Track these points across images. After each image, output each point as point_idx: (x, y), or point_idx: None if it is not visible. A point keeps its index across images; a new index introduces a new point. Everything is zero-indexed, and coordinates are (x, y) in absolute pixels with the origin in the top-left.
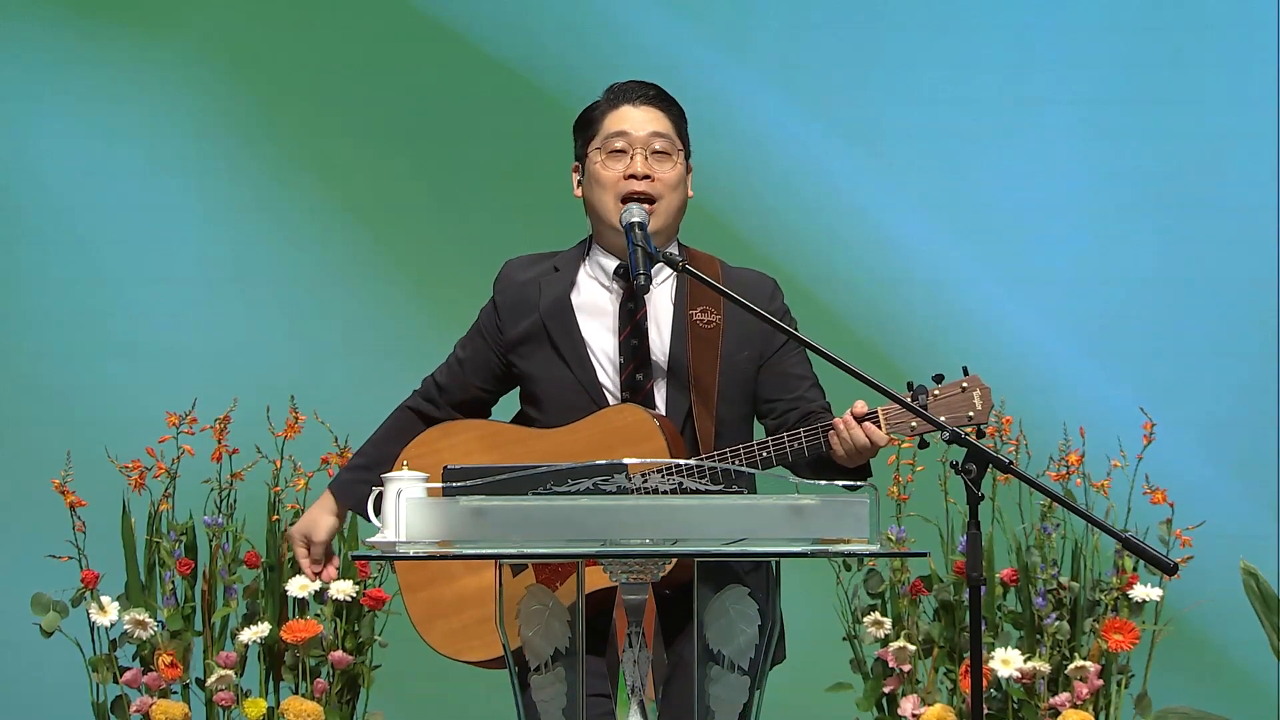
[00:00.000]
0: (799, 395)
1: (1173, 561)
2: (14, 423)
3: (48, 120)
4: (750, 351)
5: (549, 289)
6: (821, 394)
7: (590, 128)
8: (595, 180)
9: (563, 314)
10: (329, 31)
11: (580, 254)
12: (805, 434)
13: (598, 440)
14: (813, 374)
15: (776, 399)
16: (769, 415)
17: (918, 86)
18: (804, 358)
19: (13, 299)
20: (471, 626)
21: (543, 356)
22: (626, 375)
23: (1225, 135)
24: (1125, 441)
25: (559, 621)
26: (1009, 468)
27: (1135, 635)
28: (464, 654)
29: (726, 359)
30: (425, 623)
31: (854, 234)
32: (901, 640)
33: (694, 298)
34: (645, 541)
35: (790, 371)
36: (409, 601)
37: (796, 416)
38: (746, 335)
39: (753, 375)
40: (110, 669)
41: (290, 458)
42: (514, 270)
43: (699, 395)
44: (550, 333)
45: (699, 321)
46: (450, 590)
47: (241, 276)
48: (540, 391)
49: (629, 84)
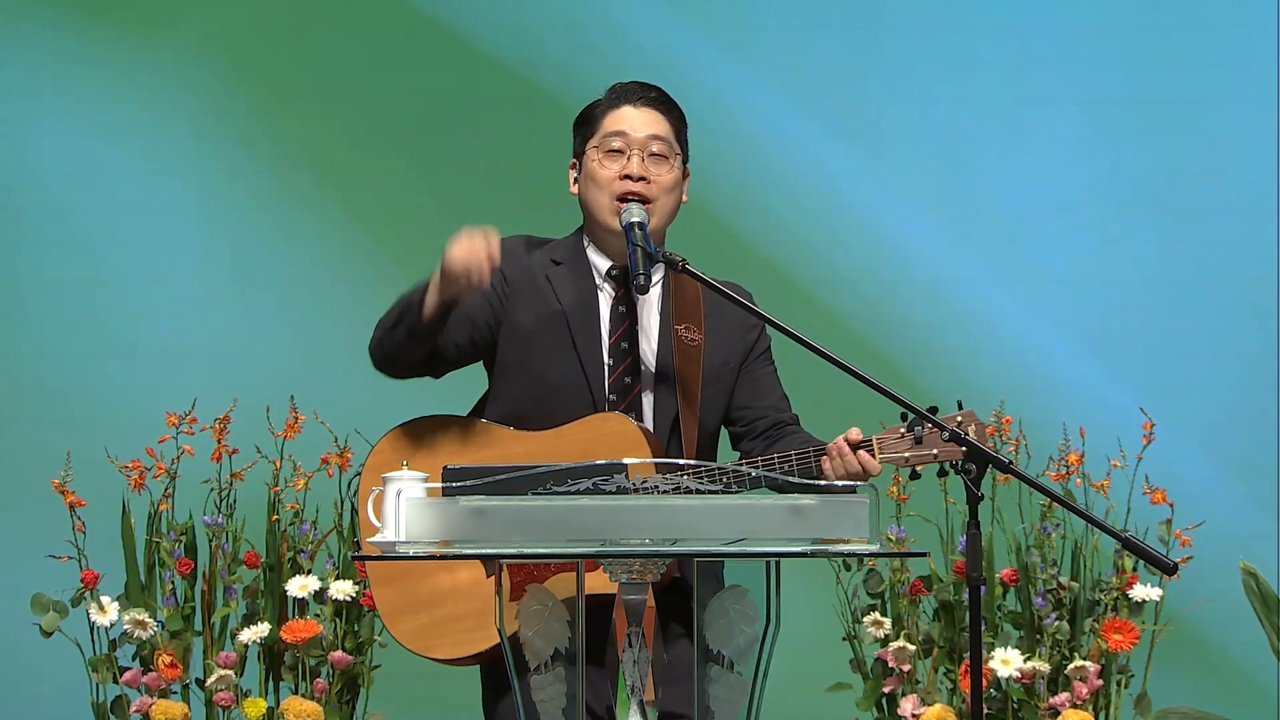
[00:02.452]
0: (770, 404)
1: (1173, 561)
2: (14, 423)
3: (48, 120)
4: (732, 362)
5: (563, 284)
6: (790, 406)
7: (590, 126)
8: (591, 179)
9: (587, 314)
10: (329, 32)
11: (577, 248)
12: (796, 456)
13: (583, 447)
14: (782, 389)
15: (746, 406)
16: (738, 422)
17: (918, 86)
18: (774, 372)
19: (13, 299)
20: (441, 624)
21: (552, 350)
22: (615, 378)
23: (1225, 135)
24: (1125, 441)
25: (558, 621)
26: (1009, 468)
27: (1135, 635)
28: (431, 650)
29: (708, 375)
30: (392, 616)
31: (854, 234)
32: (901, 640)
33: (679, 313)
34: (645, 541)
35: (763, 380)
36: (378, 595)
37: (766, 425)
38: (726, 346)
39: (732, 384)
40: (110, 669)
41: (290, 458)
42: (518, 249)
43: (685, 404)
44: (572, 327)
45: (684, 338)
46: (422, 586)
47: (241, 276)
48: (539, 385)
49: (631, 84)
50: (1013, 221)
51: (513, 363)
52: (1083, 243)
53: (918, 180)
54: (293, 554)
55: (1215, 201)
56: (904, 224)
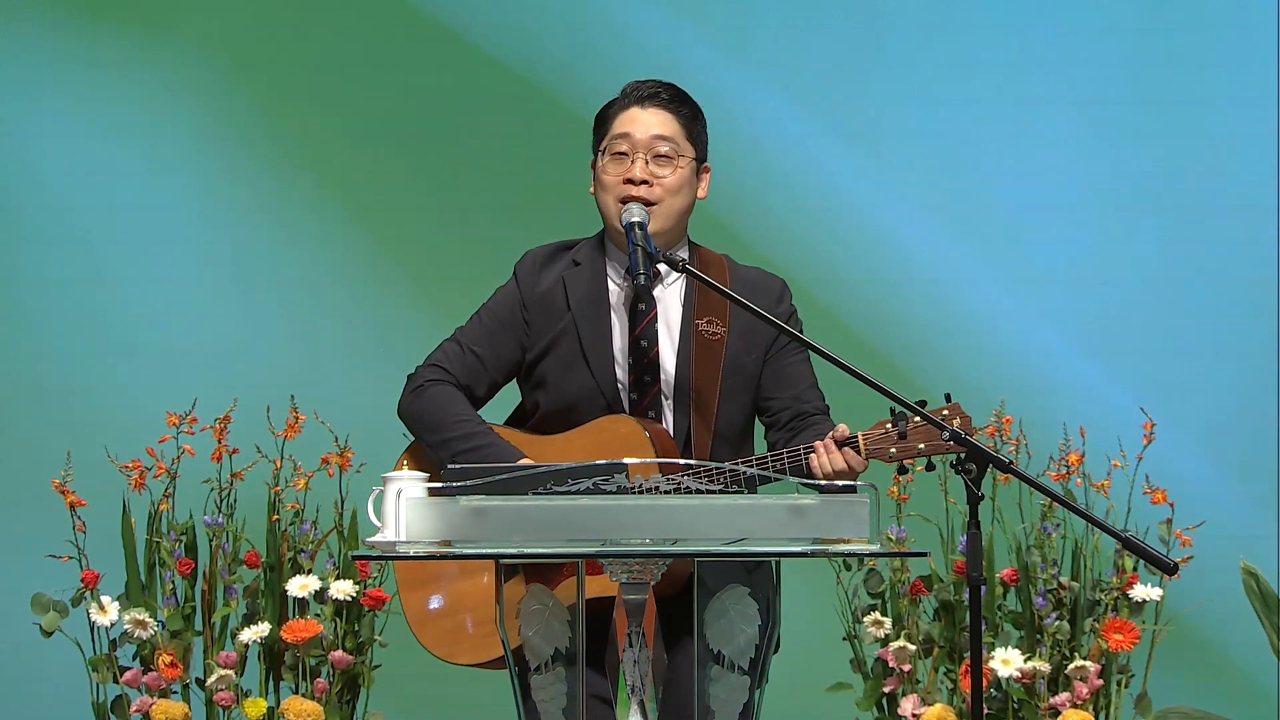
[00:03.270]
0: (795, 394)
1: (1173, 561)
2: (14, 423)
3: (48, 120)
4: (756, 353)
5: (576, 285)
6: (820, 397)
7: (603, 127)
8: (600, 181)
9: (597, 314)
10: (329, 32)
11: (599, 247)
12: (788, 454)
13: (590, 451)
14: (813, 376)
15: (772, 396)
16: (765, 413)
17: (918, 86)
18: (806, 359)
19: (13, 299)
20: (465, 629)
21: (566, 356)
22: (635, 376)
23: (1225, 135)
24: (1125, 441)
25: (559, 622)
26: (1009, 468)
27: (1135, 635)
28: (457, 656)
29: (729, 370)
30: (420, 623)
31: (854, 234)
32: (901, 640)
33: (701, 306)
34: (645, 541)
35: (789, 371)
36: (406, 600)
37: (789, 416)
38: (751, 336)
39: (758, 375)
40: (110, 669)
41: (290, 458)
42: (538, 266)
43: (698, 409)
44: (580, 332)
45: (704, 333)
46: (446, 592)
47: (241, 276)
48: (555, 391)
49: (644, 83)
50: (1013, 221)
51: (533, 374)
52: (1083, 243)
53: (918, 180)
54: (293, 554)
55: (1215, 201)
56: (904, 224)
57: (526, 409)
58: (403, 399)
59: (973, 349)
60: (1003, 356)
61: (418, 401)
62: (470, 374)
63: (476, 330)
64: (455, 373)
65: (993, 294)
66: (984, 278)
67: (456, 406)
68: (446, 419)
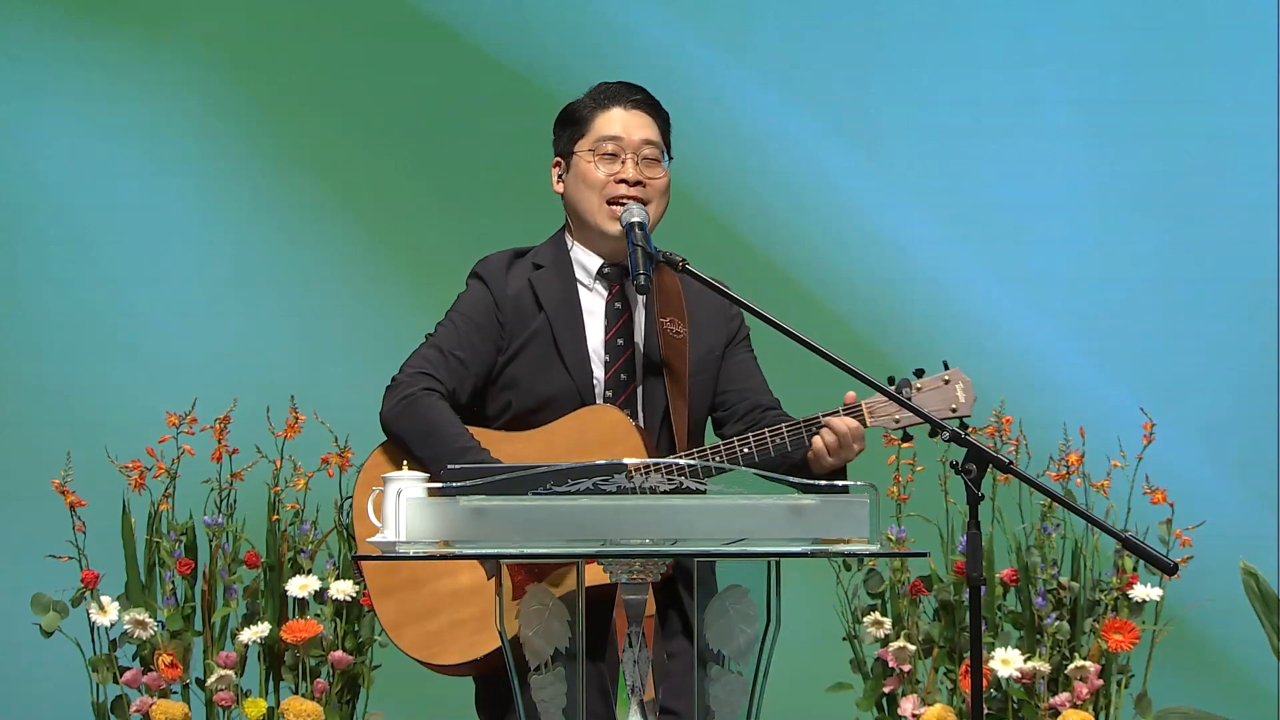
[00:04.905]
0: (749, 387)
1: (1173, 561)
2: (14, 423)
3: (48, 120)
4: (717, 350)
5: (545, 286)
6: (770, 391)
7: (579, 126)
8: (584, 180)
9: (570, 314)
10: (329, 31)
11: (559, 250)
12: (788, 429)
13: (574, 443)
14: (762, 375)
15: (726, 390)
16: (719, 407)
17: (918, 86)
18: (754, 359)
19: (13, 299)
20: (445, 630)
21: (540, 355)
22: (611, 374)
23: (1226, 135)
24: (1125, 441)
25: (559, 621)
26: (1009, 468)
27: (1135, 635)
28: (437, 658)
29: (694, 368)
30: (396, 627)
31: (854, 234)
32: (901, 640)
33: (662, 307)
34: (645, 541)
35: (743, 367)
36: (380, 606)
37: (747, 408)
38: (709, 335)
39: (717, 372)
40: (110, 669)
41: (290, 458)
42: (502, 270)
43: (676, 395)
44: (555, 331)
45: (670, 332)
46: (423, 594)
47: (241, 276)
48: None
49: (618, 85)
50: (1013, 221)
51: (502, 376)
52: (1083, 243)
53: (918, 180)
54: (293, 554)
55: (1215, 201)
56: (904, 224)
57: (491, 411)
58: (389, 408)
59: (973, 349)
60: (1003, 356)
61: (408, 413)
62: (455, 379)
63: (454, 335)
64: (441, 379)
65: (993, 294)
66: (984, 278)
67: (447, 419)
68: (439, 432)
